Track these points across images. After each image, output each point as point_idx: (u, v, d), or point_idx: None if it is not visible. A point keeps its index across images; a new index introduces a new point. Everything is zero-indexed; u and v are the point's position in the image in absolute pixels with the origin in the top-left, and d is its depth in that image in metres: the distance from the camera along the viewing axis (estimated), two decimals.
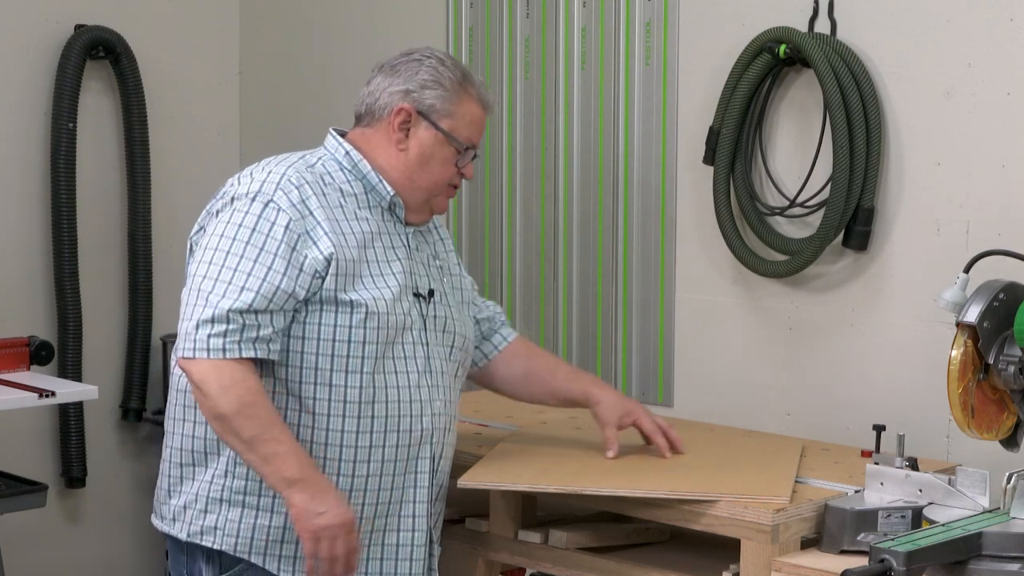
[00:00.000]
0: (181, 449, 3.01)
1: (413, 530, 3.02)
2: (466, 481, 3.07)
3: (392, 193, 3.03)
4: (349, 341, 2.92)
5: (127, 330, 4.70)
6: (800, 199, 3.62)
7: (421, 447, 3.00)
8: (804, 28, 3.59)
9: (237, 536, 2.96)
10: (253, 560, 2.96)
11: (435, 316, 3.07)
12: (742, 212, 3.70)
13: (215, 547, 2.97)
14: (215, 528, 2.97)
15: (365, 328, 2.92)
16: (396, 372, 2.97)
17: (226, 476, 2.98)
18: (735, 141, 3.67)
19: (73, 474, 4.60)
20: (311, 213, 2.92)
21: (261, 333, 2.85)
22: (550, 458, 3.23)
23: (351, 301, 2.92)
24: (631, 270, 3.98)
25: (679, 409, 3.90)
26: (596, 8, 4.00)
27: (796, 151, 3.66)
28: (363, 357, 2.93)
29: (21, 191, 4.52)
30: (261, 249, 2.87)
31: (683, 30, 3.85)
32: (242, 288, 2.84)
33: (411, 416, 2.98)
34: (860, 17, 3.54)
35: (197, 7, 4.86)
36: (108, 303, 4.69)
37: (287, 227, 2.89)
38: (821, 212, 3.55)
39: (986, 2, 3.35)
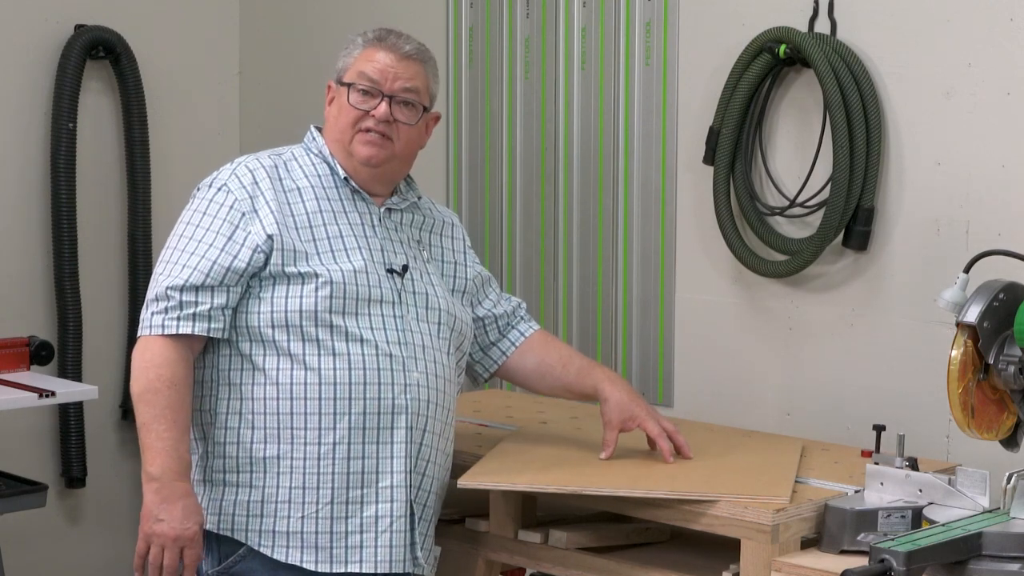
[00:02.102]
0: None
1: (391, 501, 3.02)
2: (466, 481, 3.07)
3: (346, 175, 3.12)
4: (301, 310, 2.99)
5: (127, 330, 4.70)
6: (800, 199, 3.62)
7: (395, 417, 3.02)
8: (804, 28, 3.59)
9: (220, 514, 3.03)
10: (236, 536, 3.01)
11: (414, 292, 3.11)
12: (742, 212, 3.70)
13: (202, 528, 3.00)
14: (202, 509, 3.02)
15: (317, 296, 2.99)
16: (362, 341, 3.01)
17: (207, 457, 3.06)
18: (735, 141, 3.67)
19: (73, 474, 4.60)
20: (261, 193, 3.05)
21: (198, 309, 2.97)
22: (550, 458, 3.23)
23: (302, 273, 3.00)
24: (631, 270, 3.98)
25: (679, 409, 3.90)
26: (596, 8, 4.00)
27: (796, 151, 3.66)
28: (318, 325, 2.99)
29: (21, 191, 4.52)
30: (206, 230, 3.02)
31: (683, 30, 3.85)
32: (183, 266, 2.99)
33: (379, 384, 3.00)
34: (860, 17, 3.54)
35: (197, 7, 4.86)
36: (108, 303, 4.69)
37: (232, 206, 3.04)
38: (821, 212, 3.55)
39: (986, 2, 3.35)
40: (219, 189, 3.06)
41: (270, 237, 3.00)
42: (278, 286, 3.00)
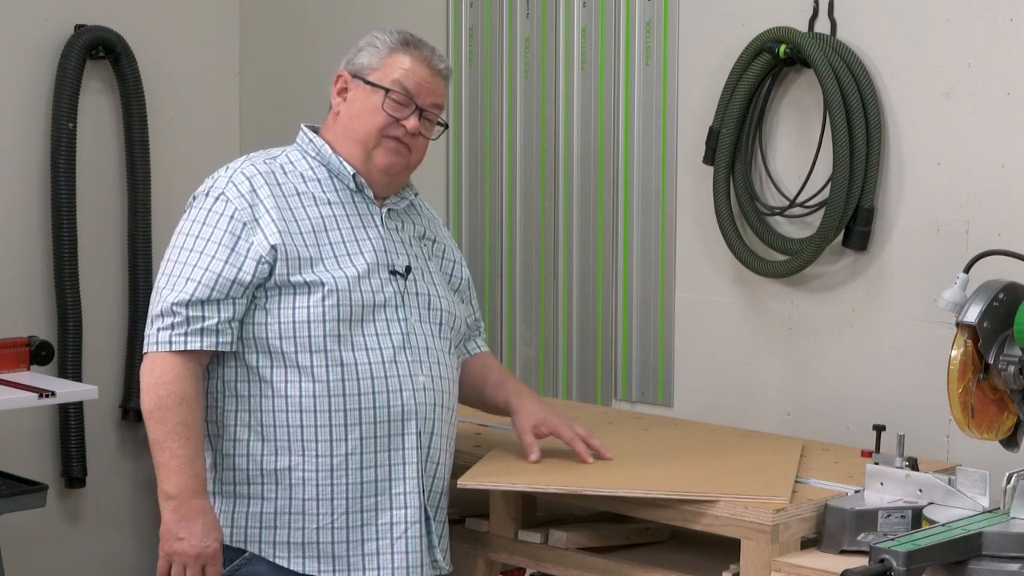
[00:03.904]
0: None
1: (406, 507, 3.02)
2: (466, 481, 3.07)
3: (353, 172, 3.09)
4: (308, 321, 2.97)
5: (127, 330, 4.70)
6: (800, 199, 3.62)
7: (405, 423, 3.01)
8: (804, 28, 3.59)
9: (232, 526, 3.01)
10: (249, 548, 3.00)
11: (416, 293, 3.10)
12: (742, 212, 3.70)
13: (222, 543, 2.99)
14: None
15: (324, 307, 2.97)
16: (367, 349, 2.99)
17: (215, 469, 3.04)
18: (735, 141, 3.67)
19: (73, 474, 4.60)
20: (260, 202, 3.01)
21: (206, 324, 2.94)
22: (550, 458, 3.23)
23: (307, 282, 2.97)
24: (631, 270, 3.98)
25: (679, 409, 3.90)
26: (596, 8, 4.00)
27: (796, 151, 3.66)
28: (325, 335, 2.97)
29: (21, 191, 4.52)
30: (208, 241, 2.98)
31: (683, 30, 3.85)
32: (187, 280, 2.95)
33: (387, 392, 2.99)
34: (860, 17, 3.54)
35: (197, 7, 4.86)
36: (108, 303, 4.69)
37: (232, 217, 2.99)
38: (821, 212, 3.55)
39: (986, 2, 3.35)
40: (216, 198, 3.02)
41: (274, 247, 2.97)
42: (284, 296, 2.97)
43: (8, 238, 4.50)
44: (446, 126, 3.17)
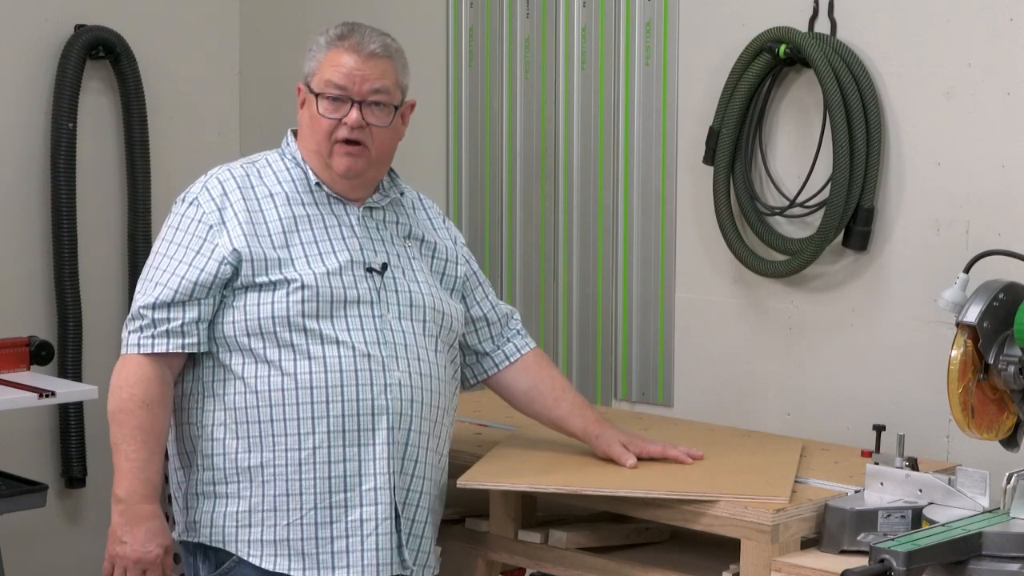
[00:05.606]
0: (171, 455, 3.10)
1: (375, 504, 3.00)
2: (466, 481, 3.07)
3: (317, 181, 3.10)
4: (273, 316, 2.97)
5: None
6: (800, 199, 3.62)
7: (376, 418, 2.99)
8: (804, 28, 3.60)
9: (211, 526, 3.02)
10: (227, 547, 3.00)
11: (396, 290, 3.08)
12: (742, 212, 3.70)
13: (194, 540, 3.02)
14: (195, 522, 3.03)
15: (288, 301, 2.97)
16: (339, 343, 2.99)
17: (198, 470, 3.04)
18: (735, 141, 3.67)
19: (73, 474, 4.60)
20: (230, 205, 3.04)
21: (171, 326, 2.97)
22: (550, 458, 3.23)
23: (273, 281, 2.98)
24: (631, 270, 3.98)
25: (679, 409, 3.90)
26: (596, 8, 4.00)
27: (796, 151, 3.66)
28: (291, 330, 2.97)
29: (21, 191, 4.52)
30: (178, 245, 3.03)
31: (683, 30, 3.85)
32: (155, 284, 3.00)
33: (357, 386, 2.98)
34: (860, 17, 3.54)
35: (197, 7, 4.86)
36: (108, 303, 4.69)
37: (200, 220, 3.04)
38: (821, 212, 3.55)
39: (986, 2, 3.35)
40: (190, 204, 3.06)
41: (236, 250, 2.98)
42: (251, 294, 2.98)
43: (8, 238, 4.50)
44: (398, 107, 3.09)
